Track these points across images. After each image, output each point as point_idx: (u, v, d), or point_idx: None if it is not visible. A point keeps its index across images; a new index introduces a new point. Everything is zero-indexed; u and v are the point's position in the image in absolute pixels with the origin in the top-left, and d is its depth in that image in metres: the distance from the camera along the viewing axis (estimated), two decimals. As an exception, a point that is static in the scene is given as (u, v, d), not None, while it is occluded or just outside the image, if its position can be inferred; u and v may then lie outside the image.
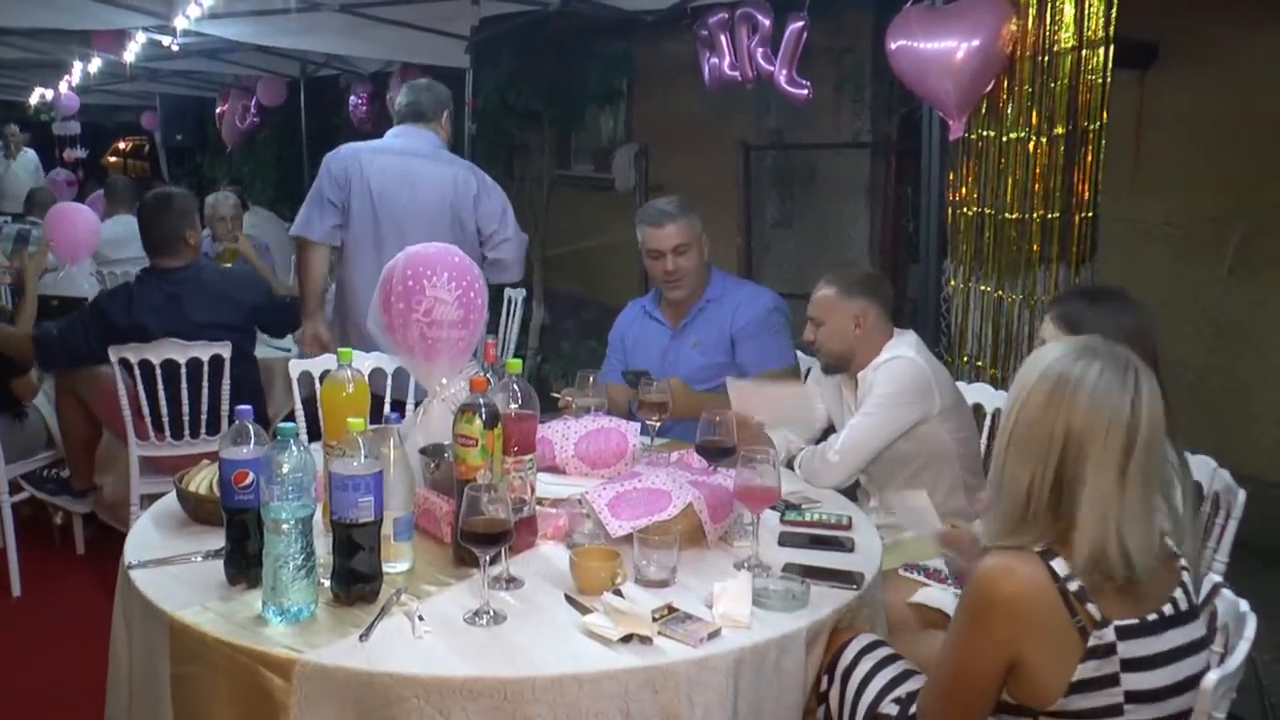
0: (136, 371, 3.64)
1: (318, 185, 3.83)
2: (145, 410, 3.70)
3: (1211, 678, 1.62)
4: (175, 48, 6.71)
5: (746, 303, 3.35)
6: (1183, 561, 1.72)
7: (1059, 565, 1.58)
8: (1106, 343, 1.66)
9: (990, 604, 1.59)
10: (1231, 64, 4.49)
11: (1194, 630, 1.67)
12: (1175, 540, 1.79)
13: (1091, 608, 1.57)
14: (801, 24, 4.43)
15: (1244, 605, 1.77)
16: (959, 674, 1.66)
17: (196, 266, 3.95)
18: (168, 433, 3.74)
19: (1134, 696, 1.59)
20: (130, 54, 7.02)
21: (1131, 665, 1.58)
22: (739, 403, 2.83)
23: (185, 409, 3.71)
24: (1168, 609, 1.64)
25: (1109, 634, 1.57)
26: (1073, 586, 1.57)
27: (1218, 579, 1.90)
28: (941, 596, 2.47)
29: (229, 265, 5.32)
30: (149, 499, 3.41)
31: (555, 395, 3.06)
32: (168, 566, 2.10)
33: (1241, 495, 2.33)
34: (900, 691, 1.88)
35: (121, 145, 17.20)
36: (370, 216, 3.79)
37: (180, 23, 5.51)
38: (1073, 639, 1.56)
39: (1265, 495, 2.51)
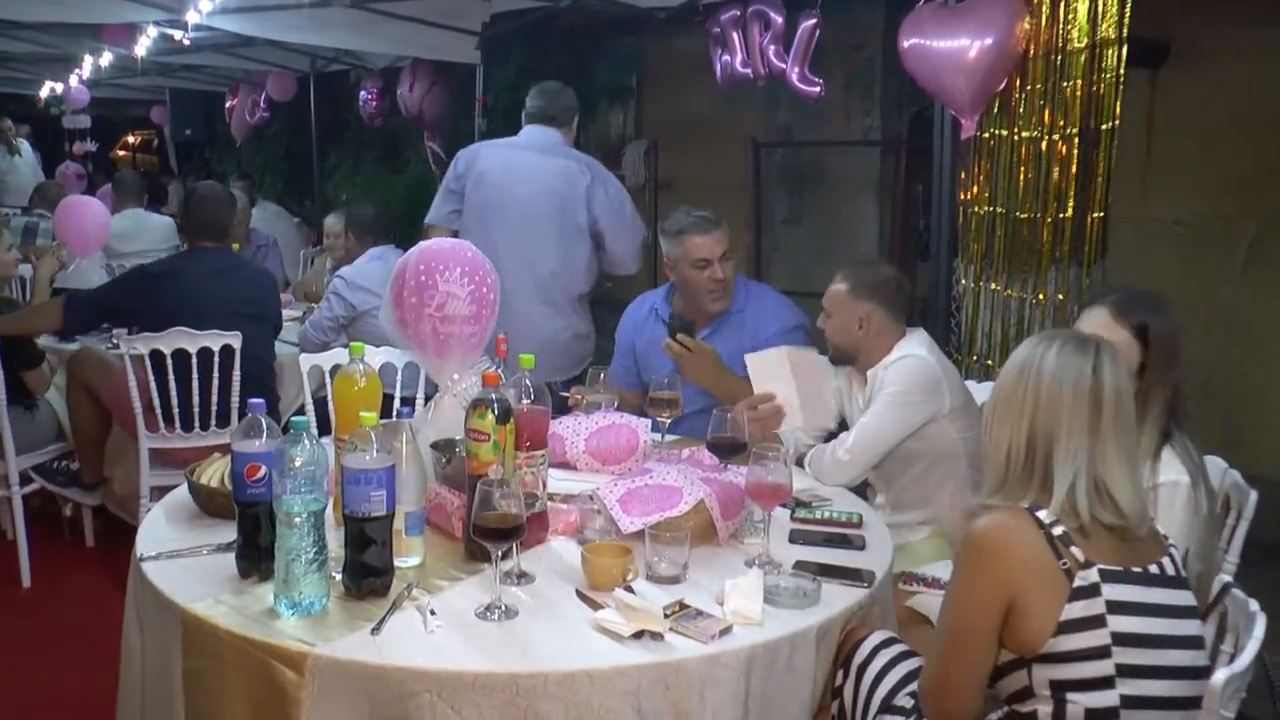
0: (147, 362, 3.66)
1: (446, 175, 4.11)
2: (156, 402, 3.71)
3: (1220, 676, 1.63)
4: (186, 42, 6.71)
5: (768, 318, 3.28)
6: (1170, 540, 1.80)
7: (1043, 514, 1.72)
8: (1070, 331, 1.82)
9: (982, 552, 1.72)
10: (1243, 63, 4.47)
11: (1183, 597, 1.74)
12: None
13: (1075, 550, 1.68)
14: (814, 21, 4.43)
15: (1254, 605, 1.78)
16: (959, 624, 1.74)
17: (231, 251, 4.22)
18: (178, 425, 3.75)
19: (1121, 639, 1.66)
20: (141, 48, 7.02)
21: (1117, 608, 1.66)
22: (758, 378, 2.83)
23: (196, 400, 3.72)
24: (1154, 569, 1.73)
25: (1092, 575, 1.67)
26: (1056, 531, 1.70)
27: (1228, 579, 1.91)
28: (936, 603, 2.46)
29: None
30: (159, 491, 3.43)
31: (564, 394, 3.06)
32: (179, 559, 2.10)
33: (1253, 496, 2.33)
34: (916, 685, 1.89)
35: (130, 139, 17.19)
36: (478, 204, 3.97)
37: (192, 17, 5.52)
38: (1059, 580, 1.67)
39: (1275, 495, 2.51)
